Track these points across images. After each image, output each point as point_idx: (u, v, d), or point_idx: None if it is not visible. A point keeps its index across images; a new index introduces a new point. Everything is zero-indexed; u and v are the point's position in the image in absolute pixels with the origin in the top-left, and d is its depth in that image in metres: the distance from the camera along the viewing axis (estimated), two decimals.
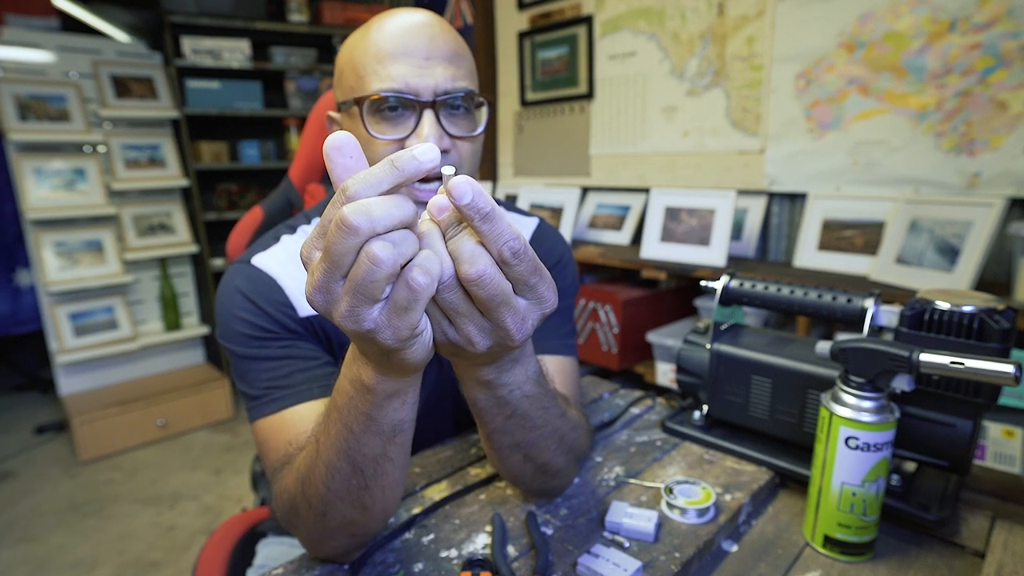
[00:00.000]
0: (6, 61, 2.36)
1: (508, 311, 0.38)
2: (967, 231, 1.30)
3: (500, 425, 0.54)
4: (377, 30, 0.63)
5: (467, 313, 0.38)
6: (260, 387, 0.64)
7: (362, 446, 0.47)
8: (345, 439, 0.47)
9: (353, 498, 0.50)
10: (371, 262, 0.33)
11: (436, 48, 0.61)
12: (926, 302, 0.60)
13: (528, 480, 0.63)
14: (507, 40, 2.51)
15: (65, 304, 2.49)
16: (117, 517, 2.03)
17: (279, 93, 2.90)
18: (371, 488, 0.50)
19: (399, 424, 0.47)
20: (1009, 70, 1.31)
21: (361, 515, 0.52)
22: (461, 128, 0.64)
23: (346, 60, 0.65)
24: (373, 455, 0.48)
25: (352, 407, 0.45)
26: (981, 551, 0.59)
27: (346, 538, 0.55)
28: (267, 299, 0.66)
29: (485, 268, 0.36)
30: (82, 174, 2.49)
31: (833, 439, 0.57)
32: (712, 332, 0.80)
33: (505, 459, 0.59)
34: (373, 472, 0.49)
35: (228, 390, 2.74)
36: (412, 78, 0.60)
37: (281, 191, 1.05)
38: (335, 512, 0.51)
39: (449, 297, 0.37)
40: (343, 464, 0.48)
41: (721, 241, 1.69)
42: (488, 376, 0.48)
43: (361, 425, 0.46)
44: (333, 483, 0.49)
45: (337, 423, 0.47)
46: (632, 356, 1.91)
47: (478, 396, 0.51)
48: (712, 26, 1.83)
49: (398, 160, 0.35)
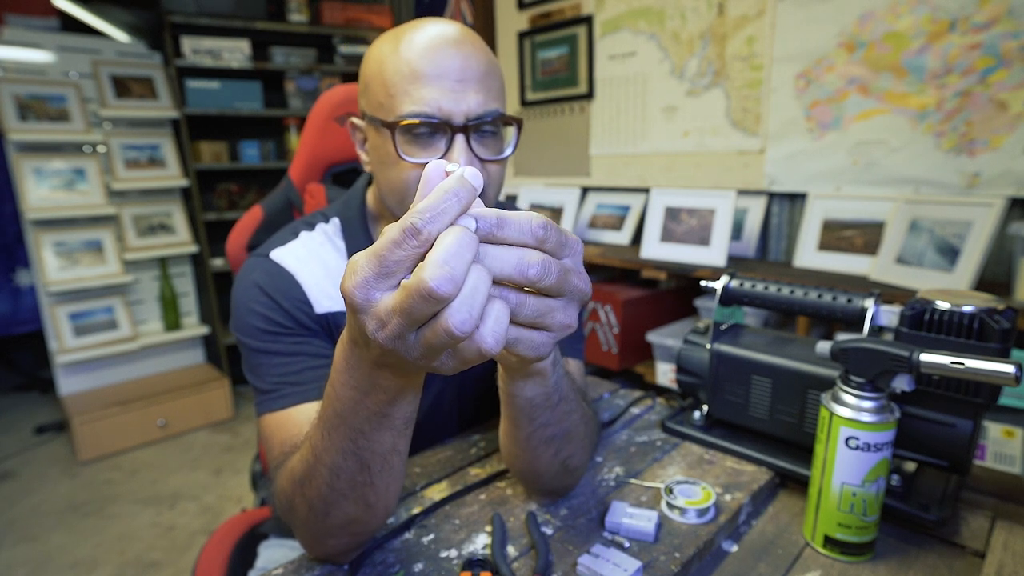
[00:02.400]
0: (6, 61, 2.36)
1: (572, 276, 0.38)
2: (967, 231, 1.30)
3: (547, 417, 0.54)
4: (407, 45, 0.61)
5: (549, 308, 0.38)
6: (271, 382, 0.64)
7: (373, 443, 0.47)
8: (353, 440, 0.46)
9: (357, 495, 0.50)
10: (447, 335, 0.33)
11: (469, 70, 0.61)
12: (926, 302, 0.60)
13: (550, 477, 0.62)
14: (507, 40, 2.51)
15: (65, 304, 2.49)
16: (117, 517, 2.03)
17: (279, 93, 2.90)
18: (376, 484, 0.50)
19: (411, 415, 0.47)
20: (1009, 70, 1.31)
21: (364, 512, 0.52)
22: (490, 150, 0.64)
23: (375, 73, 0.64)
24: (383, 451, 0.48)
25: (362, 411, 0.45)
26: (981, 551, 0.59)
27: (347, 536, 0.55)
28: (284, 294, 0.67)
29: (536, 260, 0.35)
30: (82, 174, 2.49)
31: (833, 439, 0.57)
32: (712, 332, 0.80)
33: (539, 456, 0.59)
34: (380, 467, 0.49)
35: (228, 390, 2.74)
36: (445, 102, 0.60)
37: (281, 191, 1.05)
38: (338, 511, 0.51)
39: (530, 310, 0.37)
40: (349, 464, 0.48)
41: (721, 241, 1.69)
42: (541, 366, 0.48)
43: (374, 424, 0.45)
44: (337, 483, 0.49)
45: (341, 428, 0.46)
46: (632, 356, 1.91)
47: (534, 392, 0.51)
48: (712, 26, 1.83)
49: (461, 190, 0.34)
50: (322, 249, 0.73)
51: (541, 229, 0.35)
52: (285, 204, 1.04)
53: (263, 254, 0.71)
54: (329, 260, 0.73)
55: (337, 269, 0.73)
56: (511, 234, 0.35)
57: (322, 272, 0.71)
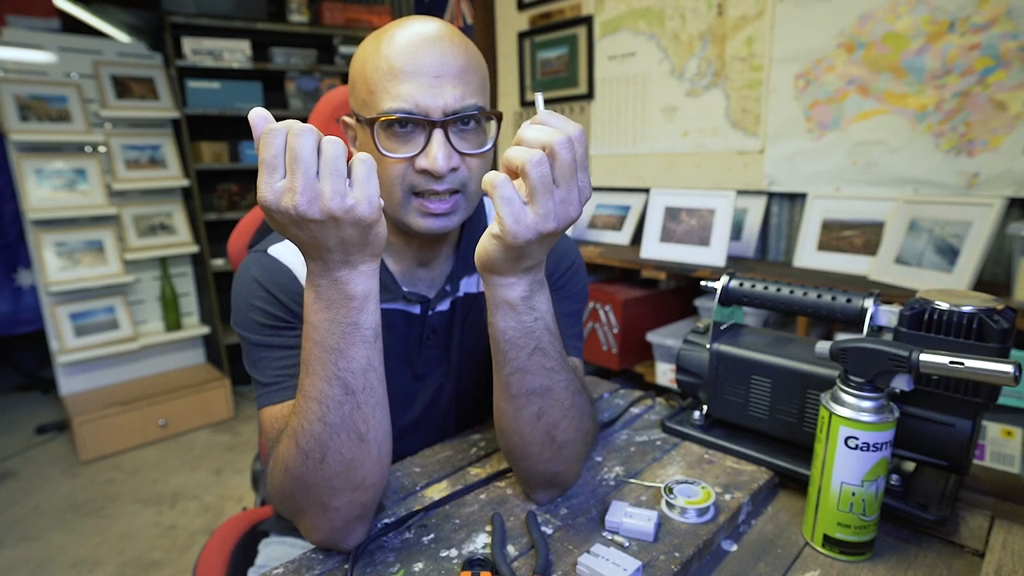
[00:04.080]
0: (7, 62, 2.36)
1: (582, 175, 0.51)
2: (966, 231, 1.30)
3: (523, 363, 0.58)
4: (388, 43, 0.62)
5: (548, 186, 0.49)
6: (271, 375, 0.65)
7: (350, 361, 0.52)
8: (333, 363, 0.52)
9: (349, 426, 0.53)
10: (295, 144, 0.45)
11: (446, 65, 0.62)
12: (925, 302, 0.60)
13: (537, 447, 0.63)
14: (507, 40, 2.51)
15: (66, 304, 2.49)
16: (118, 517, 2.03)
17: (279, 93, 2.90)
18: (362, 407, 0.54)
19: (377, 326, 0.54)
20: (1008, 70, 1.32)
21: (359, 448, 0.54)
22: (471, 144, 0.65)
23: (358, 72, 0.65)
24: (361, 367, 0.53)
25: (335, 327, 0.52)
26: (980, 550, 0.59)
27: (347, 492, 0.55)
28: (283, 288, 0.68)
29: (566, 134, 0.49)
30: (83, 174, 2.49)
31: (833, 439, 0.57)
32: (712, 332, 0.80)
33: (520, 409, 0.61)
34: (362, 386, 0.53)
35: (228, 390, 2.74)
36: (422, 97, 0.61)
37: None
38: (334, 452, 0.53)
39: (539, 171, 0.48)
40: (333, 389, 0.52)
41: (721, 241, 1.69)
42: (520, 293, 0.56)
43: (347, 339, 0.52)
44: (328, 415, 0.53)
45: (320, 356, 0.52)
46: (632, 356, 1.91)
47: (508, 325, 0.57)
48: (712, 26, 1.83)
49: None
50: None
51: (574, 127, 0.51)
52: None
53: (262, 250, 0.72)
54: None
55: None
56: (551, 121, 0.51)
57: None
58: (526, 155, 0.48)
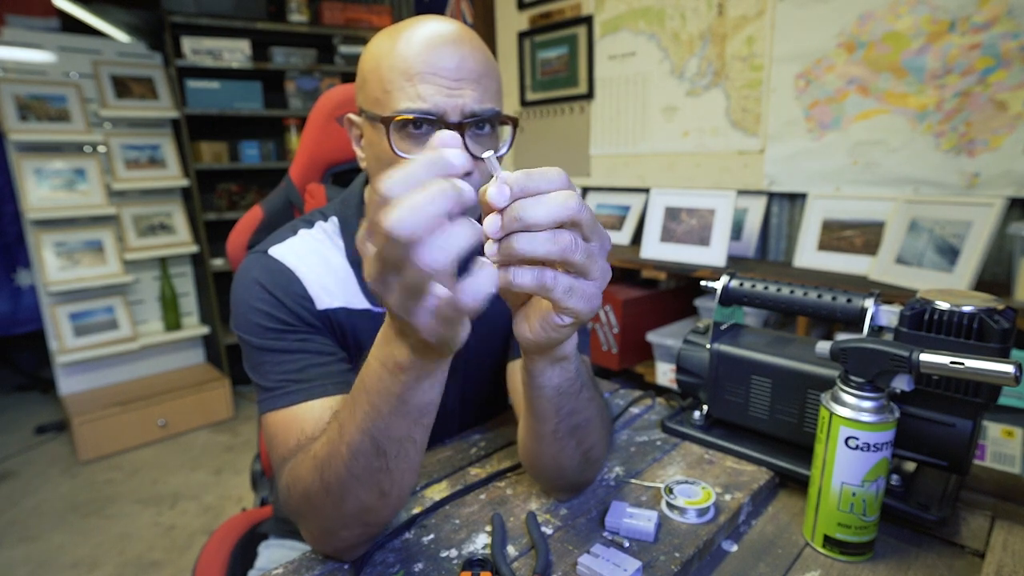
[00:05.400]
0: (6, 61, 2.36)
1: (607, 240, 0.45)
2: (967, 231, 1.30)
3: (573, 405, 0.56)
4: (405, 43, 0.61)
5: (590, 250, 0.43)
6: (274, 379, 0.64)
7: (389, 427, 0.48)
8: (372, 420, 0.48)
9: (373, 481, 0.51)
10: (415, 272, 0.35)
11: (465, 68, 0.61)
12: (926, 302, 0.60)
13: (572, 470, 0.63)
14: (507, 40, 2.51)
15: (65, 304, 2.49)
16: (117, 517, 2.03)
17: (279, 93, 2.90)
18: (391, 471, 0.51)
19: (427, 406, 0.49)
20: (1008, 70, 1.32)
21: (378, 500, 0.52)
22: (485, 148, 0.64)
23: (371, 69, 0.64)
24: (399, 436, 0.49)
25: (383, 388, 0.46)
26: (981, 551, 0.59)
27: (359, 527, 0.55)
28: (285, 291, 0.67)
29: (566, 196, 0.41)
30: (82, 174, 2.49)
31: (833, 439, 0.57)
32: (712, 332, 0.80)
33: (564, 448, 0.60)
34: (396, 453, 0.50)
35: (228, 390, 2.74)
36: (440, 99, 0.60)
37: (281, 191, 1.05)
38: (353, 497, 0.52)
39: (582, 252, 0.42)
40: (367, 445, 0.49)
41: (721, 241, 1.69)
42: (568, 349, 0.51)
43: (390, 406, 0.47)
44: (355, 465, 0.50)
45: (365, 404, 0.48)
46: (632, 356, 1.91)
47: (561, 378, 0.53)
48: (712, 26, 1.83)
49: (435, 160, 0.37)
50: (322, 246, 0.73)
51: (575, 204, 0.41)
52: (285, 204, 1.04)
53: (262, 251, 0.71)
54: (331, 257, 0.73)
55: (338, 267, 0.72)
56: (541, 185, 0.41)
57: (323, 268, 0.71)
58: (562, 243, 0.41)
